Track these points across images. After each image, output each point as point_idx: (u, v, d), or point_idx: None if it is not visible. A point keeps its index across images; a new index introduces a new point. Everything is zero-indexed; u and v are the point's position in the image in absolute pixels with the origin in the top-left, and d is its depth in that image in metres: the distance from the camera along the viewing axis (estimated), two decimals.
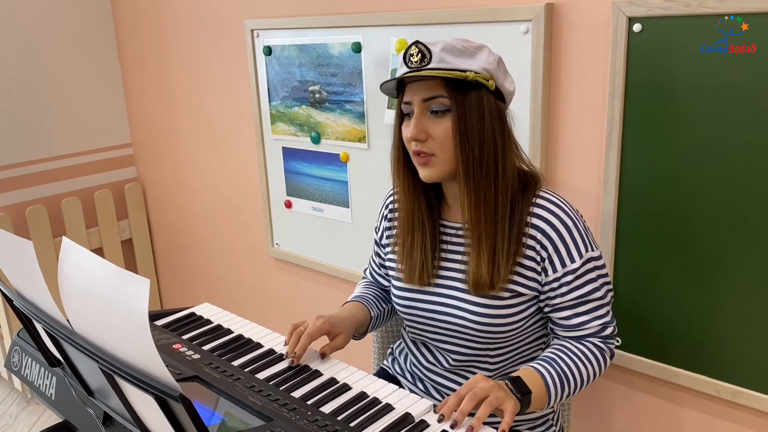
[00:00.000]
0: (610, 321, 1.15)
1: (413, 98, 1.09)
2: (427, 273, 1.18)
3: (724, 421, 1.40)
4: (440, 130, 1.07)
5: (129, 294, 0.71)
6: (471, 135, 1.06)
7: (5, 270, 0.97)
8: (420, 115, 1.08)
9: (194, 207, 2.60)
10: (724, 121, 1.23)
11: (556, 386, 1.09)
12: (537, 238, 1.11)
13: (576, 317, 1.14)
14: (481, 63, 1.06)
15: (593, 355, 1.14)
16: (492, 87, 1.07)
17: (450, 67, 1.05)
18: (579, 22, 1.39)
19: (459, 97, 1.06)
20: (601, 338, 1.15)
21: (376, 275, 1.40)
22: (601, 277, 1.14)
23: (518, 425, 1.25)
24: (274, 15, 1.99)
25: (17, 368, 1.26)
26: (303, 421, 0.96)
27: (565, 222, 1.11)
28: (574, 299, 1.13)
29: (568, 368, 1.11)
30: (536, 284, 1.14)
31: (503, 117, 1.11)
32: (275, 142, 2.12)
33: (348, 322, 1.24)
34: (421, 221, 1.19)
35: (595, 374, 1.14)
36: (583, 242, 1.12)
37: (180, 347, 1.20)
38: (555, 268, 1.11)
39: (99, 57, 2.64)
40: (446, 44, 1.05)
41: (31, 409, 2.52)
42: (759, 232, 1.24)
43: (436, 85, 1.06)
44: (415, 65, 1.06)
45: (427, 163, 1.10)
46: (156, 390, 0.70)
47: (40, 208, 2.47)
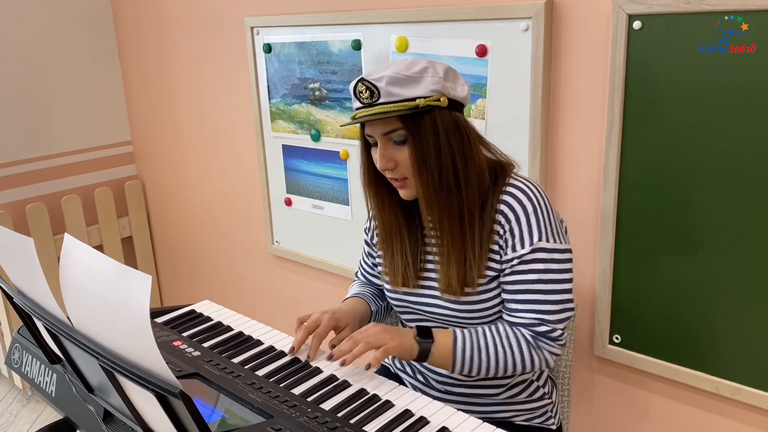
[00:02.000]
0: (552, 321, 1.12)
1: (374, 132, 1.13)
2: (410, 278, 1.23)
3: (723, 418, 1.41)
4: (404, 157, 1.12)
5: (131, 290, 0.71)
6: (429, 160, 1.10)
7: (6, 267, 0.98)
8: (384, 146, 1.13)
9: (194, 204, 2.60)
10: (724, 120, 1.23)
11: (465, 351, 1.12)
12: (501, 223, 1.14)
13: (513, 303, 1.14)
14: (427, 86, 1.09)
15: (517, 343, 1.13)
16: (444, 104, 1.10)
17: (399, 98, 1.08)
18: (579, 19, 1.38)
19: (413, 127, 1.09)
20: (534, 333, 1.13)
21: (369, 276, 1.40)
22: (551, 272, 1.12)
23: (517, 414, 1.26)
24: (274, 12, 1.99)
25: (17, 365, 1.26)
26: (303, 418, 0.96)
27: (524, 206, 1.13)
28: (514, 284, 1.13)
29: (484, 342, 1.13)
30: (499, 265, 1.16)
31: (460, 126, 1.13)
32: (275, 139, 2.12)
33: (352, 314, 1.27)
34: (399, 234, 1.23)
35: (515, 363, 1.13)
36: (539, 230, 1.12)
37: (180, 344, 1.20)
38: (507, 250, 1.14)
39: (99, 55, 2.63)
40: (389, 78, 1.08)
41: (32, 406, 2.52)
42: (758, 230, 1.24)
43: (392, 119, 1.10)
44: (366, 101, 1.10)
45: (403, 186, 1.15)
46: (156, 387, 0.70)
47: (40, 206, 2.47)
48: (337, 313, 1.23)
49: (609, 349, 1.51)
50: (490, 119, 1.55)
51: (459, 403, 1.25)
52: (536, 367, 1.15)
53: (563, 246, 1.14)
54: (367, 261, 1.39)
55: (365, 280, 1.42)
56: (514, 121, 1.51)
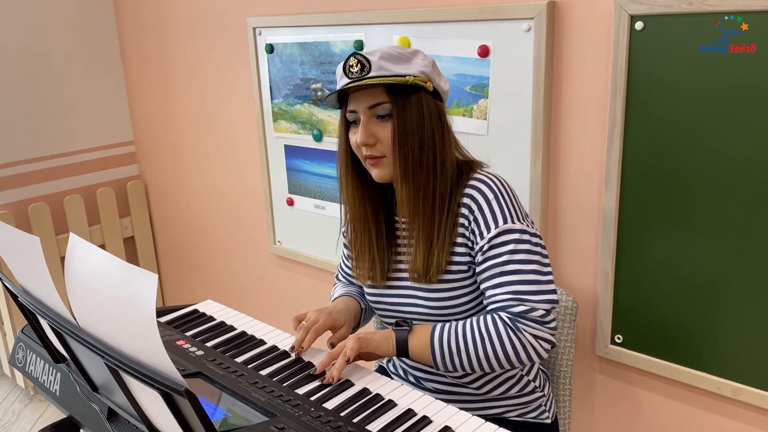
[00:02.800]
0: (531, 300, 1.08)
1: (358, 107, 1.14)
2: (381, 273, 1.23)
3: (724, 418, 1.41)
4: (387, 133, 1.13)
5: (136, 289, 0.71)
6: (411, 136, 1.12)
7: (11, 266, 0.98)
8: (367, 122, 1.14)
9: (196, 204, 2.61)
10: (726, 121, 1.23)
11: (442, 339, 1.12)
12: (465, 215, 1.15)
13: (490, 288, 1.12)
14: (417, 67, 1.12)
15: (495, 326, 1.08)
16: (430, 88, 1.14)
17: (389, 73, 1.11)
18: (581, 20, 1.39)
19: (400, 102, 1.12)
20: (512, 314, 1.08)
21: (350, 278, 1.40)
22: (522, 252, 1.10)
23: (509, 410, 1.27)
24: (276, 13, 2.00)
25: (22, 364, 1.26)
26: (306, 417, 0.96)
27: (485, 194, 1.14)
28: (488, 268, 1.12)
29: (462, 329, 1.12)
30: (471, 258, 1.17)
31: (442, 115, 1.17)
32: (277, 139, 2.12)
33: (347, 312, 1.28)
34: (367, 226, 1.23)
35: (496, 351, 1.08)
36: (502, 214, 1.12)
37: (183, 344, 1.21)
38: (476, 239, 1.14)
39: (101, 55, 2.64)
40: (383, 53, 1.11)
41: (34, 406, 2.52)
42: (759, 229, 1.24)
43: (379, 92, 1.12)
44: (356, 75, 1.12)
45: (377, 164, 1.15)
46: (162, 385, 0.70)
47: (42, 206, 2.47)
48: (334, 312, 1.24)
49: (610, 349, 1.51)
50: (492, 119, 1.55)
51: (449, 402, 1.25)
52: (522, 356, 1.08)
53: (532, 230, 1.13)
54: (347, 263, 1.39)
55: (346, 281, 1.42)
56: (516, 122, 1.51)
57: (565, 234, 1.54)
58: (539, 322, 1.08)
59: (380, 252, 1.23)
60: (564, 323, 1.39)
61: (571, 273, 1.55)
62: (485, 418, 1.00)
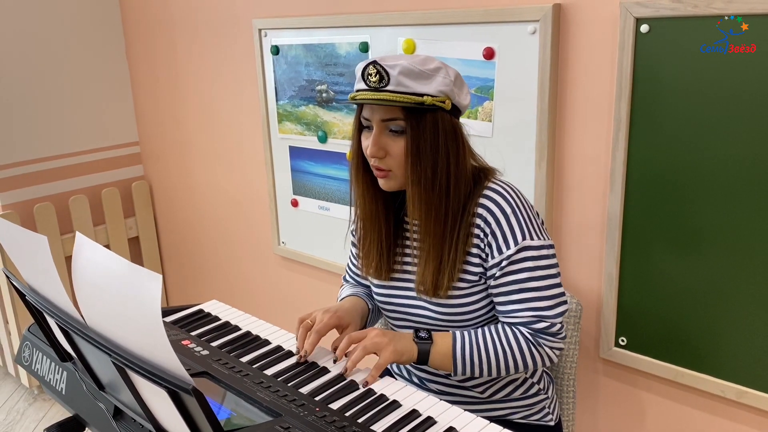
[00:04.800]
0: (550, 316, 1.13)
1: (372, 117, 1.13)
2: (383, 270, 1.24)
3: (728, 421, 1.41)
4: (398, 148, 1.12)
5: (142, 289, 0.72)
6: (424, 157, 1.10)
7: (18, 265, 0.98)
8: (379, 133, 1.12)
9: (201, 205, 2.61)
10: (731, 122, 1.23)
11: (464, 351, 1.13)
12: (481, 227, 1.14)
13: (508, 304, 1.14)
14: (437, 86, 1.10)
15: (516, 341, 1.13)
16: (448, 107, 1.11)
17: (407, 90, 1.08)
18: (586, 22, 1.39)
19: (414, 121, 1.10)
20: (533, 330, 1.13)
21: (358, 278, 1.40)
22: (541, 269, 1.13)
23: (513, 412, 1.27)
24: (281, 14, 2.00)
25: (28, 363, 1.27)
26: (311, 417, 0.97)
27: (503, 208, 1.13)
28: (506, 285, 1.13)
29: (483, 341, 1.14)
30: (483, 270, 1.17)
31: (458, 131, 1.14)
32: (282, 141, 2.13)
33: (353, 313, 1.27)
34: (377, 224, 1.23)
35: (516, 362, 1.14)
36: (521, 229, 1.12)
37: (189, 343, 1.21)
38: (493, 253, 1.14)
39: (107, 56, 2.65)
40: (403, 68, 1.08)
41: (38, 405, 2.53)
42: (764, 232, 1.24)
43: (394, 108, 1.10)
44: (373, 85, 1.10)
45: (385, 177, 1.15)
46: (169, 383, 0.71)
47: (47, 206, 2.48)
48: (339, 311, 1.23)
49: (614, 352, 1.51)
50: (497, 122, 1.56)
51: (453, 404, 1.25)
52: (538, 365, 1.15)
53: (548, 242, 1.15)
54: (355, 262, 1.39)
55: (354, 282, 1.42)
56: (521, 124, 1.52)
57: (570, 236, 1.54)
58: (555, 335, 1.15)
59: (388, 249, 1.23)
60: (568, 325, 1.39)
61: (576, 275, 1.55)
62: (489, 419, 1.00)
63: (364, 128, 1.17)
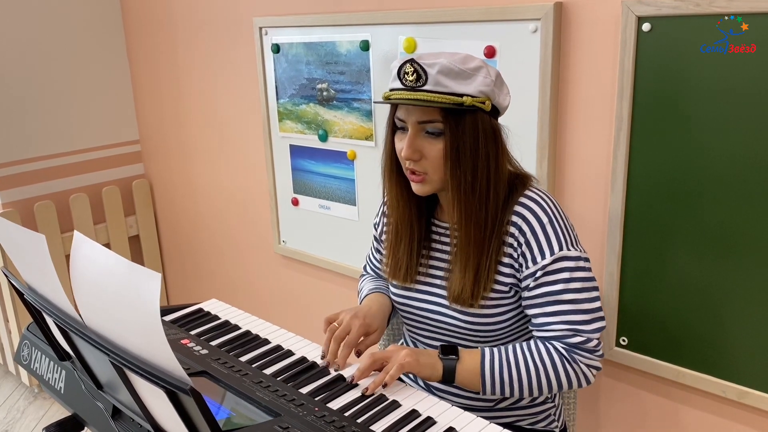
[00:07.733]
0: (586, 330, 1.08)
1: (408, 118, 1.08)
2: (410, 273, 1.20)
3: (730, 422, 1.40)
4: (434, 151, 1.07)
5: (141, 288, 0.71)
6: (464, 160, 1.06)
7: (17, 264, 0.98)
8: (414, 136, 1.07)
9: (201, 204, 2.61)
10: (732, 122, 1.23)
11: (494, 369, 1.08)
12: (515, 235, 1.11)
13: (542, 316, 1.10)
14: (477, 86, 1.05)
15: (550, 357, 1.08)
16: (488, 108, 1.07)
17: (446, 90, 1.03)
18: (588, 21, 1.38)
19: (453, 123, 1.05)
20: (568, 345, 1.08)
21: (379, 271, 1.39)
22: (578, 281, 1.08)
23: (519, 419, 1.26)
24: (282, 13, 2.00)
25: (27, 362, 1.26)
26: (311, 417, 0.96)
27: (539, 217, 1.09)
28: (541, 296, 1.09)
29: (514, 358, 1.09)
30: (515, 280, 1.13)
31: (497, 134, 1.10)
32: (283, 139, 2.12)
33: (380, 317, 1.24)
34: (410, 228, 1.20)
35: (550, 380, 1.08)
36: (558, 240, 1.09)
37: (188, 342, 1.21)
38: (527, 263, 1.10)
39: (107, 54, 2.65)
40: (443, 67, 1.03)
41: (38, 403, 2.53)
42: (764, 231, 1.24)
43: (432, 109, 1.05)
44: (410, 84, 1.05)
45: (421, 181, 1.10)
46: (167, 384, 0.70)
47: (48, 204, 2.48)
48: (368, 317, 1.19)
49: (616, 352, 1.50)
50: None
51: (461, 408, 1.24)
52: (573, 385, 1.09)
53: (584, 255, 1.11)
54: (377, 256, 1.38)
55: (375, 274, 1.40)
56: (522, 123, 1.51)
57: None
58: (592, 351, 1.09)
59: (418, 253, 1.19)
60: None
61: None
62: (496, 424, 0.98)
63: (398, 129, 1.12)
